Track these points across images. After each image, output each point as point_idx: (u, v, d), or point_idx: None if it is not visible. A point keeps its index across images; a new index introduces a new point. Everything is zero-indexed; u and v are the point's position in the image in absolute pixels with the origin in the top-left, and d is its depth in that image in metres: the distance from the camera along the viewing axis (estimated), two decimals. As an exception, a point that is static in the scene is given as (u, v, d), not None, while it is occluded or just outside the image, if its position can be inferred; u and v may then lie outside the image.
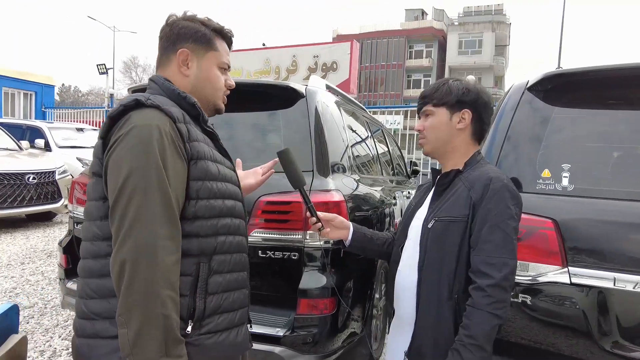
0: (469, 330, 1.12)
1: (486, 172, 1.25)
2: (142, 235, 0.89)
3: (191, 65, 1.14)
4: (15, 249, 5.08)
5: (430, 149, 1.36)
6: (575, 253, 1.48)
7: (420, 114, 1.39)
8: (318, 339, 1.87)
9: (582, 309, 1.47)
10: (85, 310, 0.98)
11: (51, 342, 2.87)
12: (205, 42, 1.15)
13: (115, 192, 0.91)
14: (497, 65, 38.76)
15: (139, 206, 0.90)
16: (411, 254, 1.32)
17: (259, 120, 2.30)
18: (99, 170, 0.98)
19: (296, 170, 1.35)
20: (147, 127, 0.94)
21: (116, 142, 0.94)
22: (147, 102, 0.98)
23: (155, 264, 0.89)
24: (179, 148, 0.98)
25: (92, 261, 0.99)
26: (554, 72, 1.73)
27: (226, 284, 1.07)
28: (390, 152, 4.02)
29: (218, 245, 1.05)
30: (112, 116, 0.98)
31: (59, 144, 8.12)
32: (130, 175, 0.91)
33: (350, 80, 8.67)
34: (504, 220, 1.17)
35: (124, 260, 0.88)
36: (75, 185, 2.64)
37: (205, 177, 1.03)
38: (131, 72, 42.57)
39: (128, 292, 0.88)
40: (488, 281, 1.13)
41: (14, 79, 14.62)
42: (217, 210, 1.05)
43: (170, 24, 1.15)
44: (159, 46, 1.16)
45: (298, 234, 1.92)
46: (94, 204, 1.00)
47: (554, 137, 1.68)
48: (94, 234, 0.99)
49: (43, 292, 3.77)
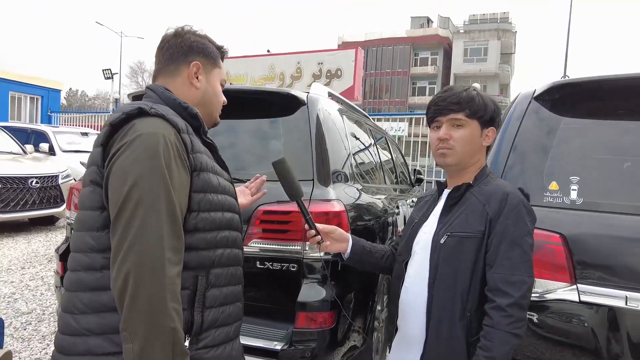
0: (490, 351, 1.09)
1: (501, 187, 1.22)
2: (148, 247, 0.86)
3: (200, 79, 1.16)
4: (17, 253, 5.07)
5: (454, 162, 1.25)
6: (584, 269, 1.43)
7: (442, 120, 1.26)
8: (316, 353, 1.82)
9: (591, 328, 1.41)
10: (76, 326, 0.93)
11: (47, 349, 2.83)
12: (213, 58, 1.19)
13: (120, 201, 0.88)
14: (502, 73, 38.72)
15: (145, 216, 0.87)
16: (418, 270, 1.27)
17: (260, 127, 2.26)
18: (97, 178, 0.95)
19: (293, 181, 1.31)
20: (154, 136, 0.92)
21: (120, 150, 0.91)
22: (150, 111, 0.96)
23: (162, 277, 0.86)
24: (183, 159, 0.97)
25: (85, 274, 0.94)
26: (562, 81, 1.69)
27: (223, 297, 1.05)
28: (393, 160, 3.98)
29: (216, 259, 1.04)
30: (114, 123, 0.95)
31: (63, 148, 8.15)
32: (135, 184, 0.88)
33: (355, 87, 8.66)
34: (522, 237, 1.15)
35: (128, 272, 0.85)
36: (73, 192, 2.61)
37: (206, 189, 1.02)
38: (137, 77, 42.92)
39: (133, 305, 0.84)
40: (508, 300, 1.10)
41: (21, 83, 14.77)
42: (216, 222, 1.04)
43: (180, 35, 1.16)
44: (163, 57, 1.15)
45: (297, 245, 1.87)
46: (90, 213, 0.95)
47: (561, 148, 1.62)
48: (88, 245, 0.95)
49: (42, 297, 3.74)
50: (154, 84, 1.14)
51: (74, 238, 0.99)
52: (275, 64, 9.36)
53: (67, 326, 0.94)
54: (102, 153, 0.95)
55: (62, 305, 0.98)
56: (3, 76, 14.22)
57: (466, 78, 37.83)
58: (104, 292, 0.91)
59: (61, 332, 0.96)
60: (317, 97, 2.23)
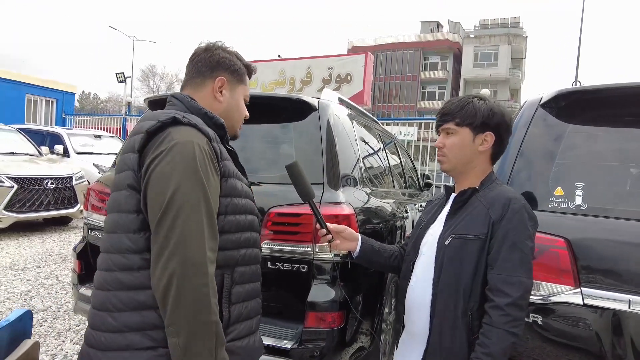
0: (487, 348, 1.14)
1: (504, 192, 1.27)
2: (192, 247, 0.93)
3: (224, 93, 1.22)
4: (32, 252, 5.19)
5: (449, 168, 1.36)
6: (588, 273, 1.46)
7: (440, 130, 1.37)
8: (325, 352, 1.86)
9: (595, 331, 1.44)
10: (114, 323, 0.97)
11: (63, 345, 2.91)
12: (239, 75, 1.25)
13: (163, 205, 0.94)
14: (513, 78, 38.49)
15: (187, 219, 0.93)
16: (425, 270, 1.33)
17: (272, 132, 2.32)
18: (133, 183, 1.00)
19: (305, 183, 1.36)
20: (190, 144, 0.98)
21: (159, 157, 0.97)
22: (184, 120, 1.02)
23: (205, 275, 0.93)
24: (215, 165, 1.04)
25: (122, 274, 0.99)
26: (568, 89, 1.72)
27: (246, 293, 1.13)
28: (402, 165, 4.01)
29: (240, 258, 1.11)
30: (150, 131, 1.00)
31: (77, 150, 8.31)
32: (177, 189, 0.94)
33: (364, 92, 8.70)
34: (523, 240, 1.20)
35: (173, 271, 0.91)
36: (90, 193, 2.69)
37: (233, 194, 1.09)
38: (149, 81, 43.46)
39: (179, 302, 0.91)
40: (506, 300, 1.15)
41: (37, 86, 15.08)
42: (241, 224, 1.11)
43: (210, 51, 1.22)
44: (192, 69, 1.22)
45: (307, 247, 1.92)
46: (126, 216, 1.00)
47: (567, 155, 1.66)
48: (125, 247, 0.99)
49: (57, 296, 3.83)
50: (180, 94, 1.19)
51: (107, 239, 1.03)
52: (285, 68, 9.45)
53: (104, 323, 0.98)
54: (139, 159, 1.00)
55: (96, 304, 1.02)
56: (20, 79, 14.55)
57: (476, 83, 37.69)
58: (142, 291, 0.97)
59: (97, 329, 0.99)
60: (327, 103, 2.29)
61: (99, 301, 1.01)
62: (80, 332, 3.13)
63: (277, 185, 2.04)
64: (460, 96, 1.38)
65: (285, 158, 2.19)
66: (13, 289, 3.91)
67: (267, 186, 2.06)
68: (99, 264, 1.05)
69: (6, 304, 3.54)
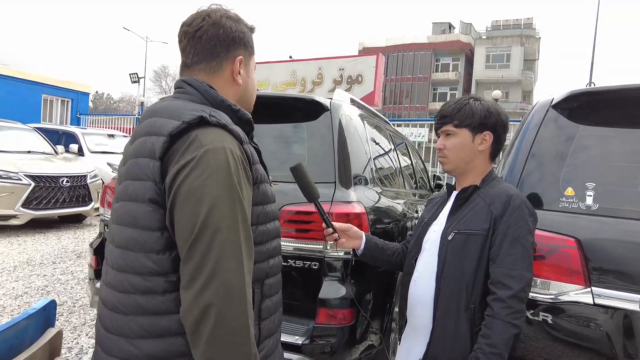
0: (490, 339, 1.17)
1: (505, 189, 1.31)
2: (230, 277, 0.80)
3: (242, 74, 1.05)
4: (48, 249, 5.30)
5: (451, 168, 1.41)
6: (599, 273, 1.46)
7: (439, 132, 1.42)
8: (336, 349, 1.89)
9: (606, 332, 1.44)
10: (135, 351, 0.86)
11: (79, 339, 2.98)
12: (252, 47, 1.07)
13: (197, 227, 0.80)
14: (525, 80, 38.11)
15: (224, 243, 0.81)
16: (427, 266, 1.36)
17: (285, 132, 2.36)
18: (155, 197, 0.85)
19: (309, 184, 1.37)
20: (222, 151, 0.84)
21: (186, 168, 0.82)
22: (212, 120, 0.87)
23: (244, 304, 0.82)
24: (248, 173, 0.90)
25: (143, 297, 0.86)
26: (580, 90, 1.72)
27: (273, 306, 1.03)
28: (413, 166, 4.02)
29: (269, 270, 1.00)
30: (174, 134, 0.85)
31: (91, 149, 8.47)
32: (212, 209, 0.81)
33: (375, 93, 8.72)
34: (524, 235, 1.23)
35: (209, 304, 0.79)
36: (107, 190, 2.76)
37: (264, 201, 0.98)
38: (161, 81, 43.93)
39: (216, 336, 0.79)
40: (508, 292, 1.18)
41: (53, 86, 15.40)
42: (270, 233, 1.01)
43: (219, 24, 1.00)
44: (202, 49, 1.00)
45: (319, 244, 1.95)
46: (148, 234, 0.86)
47: (578, 156, 1.66)
48: (147, 269, 0.86)
49: (72, 291, 3.92)
50: (194, 79, 0.99)
51: (121, 256, 0.90)
52: (297, 69, 9.50)
53: (121, 350, 0.88)
54: (161, 167, 0.85)
55: (111, 327, 0.90)
56: (37, 80, 14.86)
57: (488, 84, 37.39)
58: (167, 316, 0.86)
59: (112, 355, 0.89)
60: (339, 103, 2.32)
61: (114, 325, 0.89)
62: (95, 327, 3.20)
63: (290, 184, 2.06)
64: (456, 98, 1.42)
65: (297, 157, 2.23)
66: (30, 283, 4.01)
67: (279, 185, 2.10)
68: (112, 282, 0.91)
69: (24, 298, 3.64)
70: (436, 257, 1.33)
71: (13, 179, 5.74)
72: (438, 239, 1.35)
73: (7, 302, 3.52)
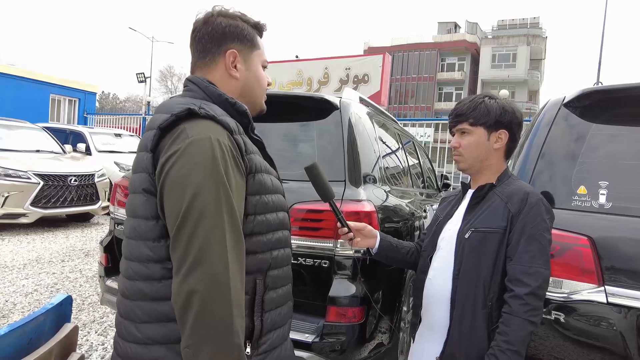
0: (507, 336, 1.17)
1: (521, 187, 1.31)
2: (213, 263, 0.81)
3: (240, 67, 1.07)
4: (56, 247, 5.35)
5: (466, 167, 1.41)
6: (612, 272, 1.45)
7: (454, 130, 1.42)
8: (346, 347, 1.89)
9: (619, 331, 1.43)
10: (139, 335, 0.90)
11: (88, 336, 3.01)
12: (250, 40, 1.09)
13: (180, 214, 0.83)
14: (531, 80, 37.88)
15: (208, 230, 0.82)
16: (443, 264, 1.36)
17: (294, 131, 2.37)
18: (149, 187, 0.90)
19: (324, 183, 1.35)
20: (207, 141, 0.86)
21: (173, 158, 0.86)
22: (200, 112, 0.90)
23: (229, 294, 0.82)
24: (238, 162, 0.91)
25: (143, 284, 0.91)
26: (592, 88, 1.72)
27: (279, 299, 1.03)
28: (420, 165, 4.02)
29: (272, 261, 1.00)
30: (163, 127, 0.89)
31: (98, 149, 8.52)
32: (196, 195, 0.83)
33: (382, 92, 8.71)
34: (541, 232, 1.23)
35: (192, 290, 0.80)
36: (117, 188, 2.77)
37: (261, 191, 0.98)
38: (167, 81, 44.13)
39: (198, 323, 0.80)
40: (525, 289, 1.18)
41: (61, 86, 15.53)
42: (272, 224, 1.01)
43: (210, 22, 1.05)
44: (197, 47, 1.06)
45: (329, 242, 1.96)
46: (145, 223, 0.91)
47: (591, 154, 1.65)
48: (145, 256, 0.91)
49: (81, 289, 3.95)
50: (196, 77, 1.04)
51: (127, 246, 0.95)
52: (303, 69, 9.52)
53: (130, 334, 0.92)
54: (152, 159, 0.90)
55: (122, 312, 0.96)
56: (45, 80, 14.99)
57: (494, 84, 37.21)
58: (165, 302, 0.88)
59: (124, 339, 0.94)
60: (349, 102, 2.33)
61: (125, 310, 0.94)
62: (104, 324, 3.22)
63: (299, 183, 2.07)
64: (471, 96, 1.42)
65: (306, 156, 2.24)
66: (40, 281, 4.05)
67: (290, 183, 2.10)
68: (122, 270, 0.98)
69: (34, 295, 3.67)
70: (452, 256, 1.33)
71: (22, 177, 5.79)
72: (454, 237, 1.35)
73: (18, 300, 3.56)
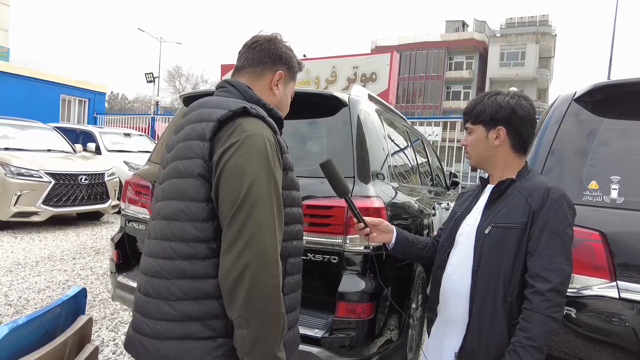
0: (528, 332, 1.16)
1: (543, 182, 1.30)
2: (265, 241, 0.94)
3: (279, 87, 1.23)
4: (67, 245, 5.41)
5: (474, 164, 1.45)
6: (625, 267, 1.44)
7: (464, 129, 1.45)
8: (355, 342, 1.90)
9: (632, 327, 1.42)
10: (174, 312, 0.98)
11: (99, 332, 3.04)
12: (294, 72, 1.28)
13: (239, 198, 0.94)
14: (540, 78, 37.53)
15: (262, 212, 0.95)
16: (462, 259, 1.35)
17: (304, 127, 2.38)
18: (204, 172, 1.00)
19: (340, 179, 1.37)
20: (261, 137, 0.99)
21: (231, 148, 0.97)
22: (252, 111, 1.03)
23: (277, 267, 0.95)
24: (279, 159, 1.05)
25: (185, 263, 0.99)
26: (604, 83, 1.70)
27: (294, 284, 1.16)
28: (429, 163, 4.01)
29: (292, 250, 1.13)
30: (222, 120, 1.01)
31: (108, 148, 8.60)
32: (253, 183, 0.95)
33: (389, 91, 8.67)
34: (562, 228, 1.22)
35: (246, 264, 0.91)
36: (128, 186, 2.80)
37: (291, 186, 1.12)
38: (175, 81, 44.34)
39: (251, 294, 0.91)
40: (547, 285, 1.17)
41: (71, 86, 15.69)
42: (295, 217, 1.14)
43: (274, 42, 1.22)
44: (252, 57, 1.20)
45: (338, 238, 1.96)
46: (194, 204, 1.00)
47: (602, 149, 1.64)
48: (191, 235, 0.99)
49: (92, 286, 4.00)
50: (236, 81, 1.17)
51: (166, 227, 1.02)
52: (310, 68, 9.50)
53: (161, 312, 0.99)
54: (210, 148, 1.00)
55: (150, 292, 1.02)
56: (56, 80, 15.17)
57: (502, 82, 36.92)
58: (205, 280, 0.97)
59: (152, 317, 1.00)
60: (357, 99, 2.33)
61: (155, 289, 1.01)
62: (114, 320, 3.26)
63: (308, 179, 2.09)
64: (480, 94, 1.42)
65: (316, 152, 2.24)
66: (52, 278, 4.10)
67: (299, 180, 2.11)
68: (152, 251, 1.05)
69: (46, 292, 3.73)
70: (472, 251, 1.32)
71: (34, 176, 5.87)
72: (473, 233, 1.33)
73: (31, 296, 3.61)
